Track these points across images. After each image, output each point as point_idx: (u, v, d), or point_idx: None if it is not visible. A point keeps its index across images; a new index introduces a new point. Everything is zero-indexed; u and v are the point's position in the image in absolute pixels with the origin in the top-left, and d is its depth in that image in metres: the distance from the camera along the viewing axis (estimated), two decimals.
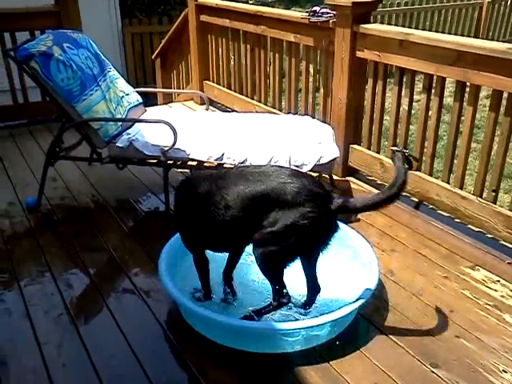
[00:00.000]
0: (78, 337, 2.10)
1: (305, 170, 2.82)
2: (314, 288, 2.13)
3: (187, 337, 2.09)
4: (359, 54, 3.18)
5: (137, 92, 3.49)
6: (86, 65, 3.08)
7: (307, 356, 1.99)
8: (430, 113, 2.98)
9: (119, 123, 3.07)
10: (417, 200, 3.13)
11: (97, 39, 3.44)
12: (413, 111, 3.17)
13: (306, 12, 3.45)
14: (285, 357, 1.99)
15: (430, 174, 3.03)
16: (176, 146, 2.85)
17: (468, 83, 2.69)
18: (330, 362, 1.96)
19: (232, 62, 4.56)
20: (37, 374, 1.93)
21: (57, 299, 2.33)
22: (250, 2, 10.78)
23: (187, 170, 3.36)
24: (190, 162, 3.04)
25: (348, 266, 2.39)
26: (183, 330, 2.12)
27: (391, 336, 2.09)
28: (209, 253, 2.17)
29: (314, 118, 3.54)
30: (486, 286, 2.40)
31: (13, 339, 2.12)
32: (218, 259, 2.21)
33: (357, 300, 2.06)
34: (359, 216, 3.00)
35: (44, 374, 1.93)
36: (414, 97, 3.11)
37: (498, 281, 2.43)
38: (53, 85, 2.87)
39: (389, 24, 7.26)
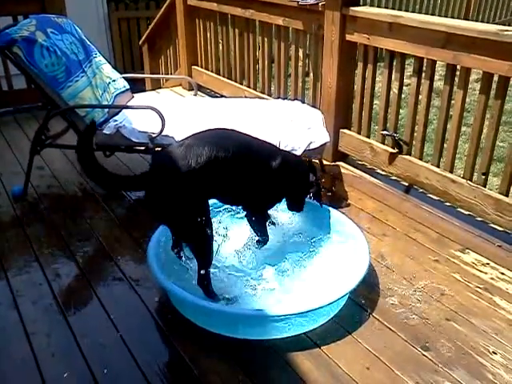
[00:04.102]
0: (67, 326, 2.08)
1: None
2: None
3: (177, 324, 2.08)
4: (349, 37, 3.15)
5: (124, 78, 3.43)
6: (70, 50, 3.02)
7: (298, 341, 1.99)
8: (420, 97, 2.96)
9: (106, 110, 3.02)
10: (407, 184, 3.13)
11: (82, 25, 3.37)
12: (403, 95, 3.16)
13: None
14: (276, 342, 1.98)
15: (420, 158, 3.02)
16: (164, 133, 2.81)
17: (458, 66, 2.67)
18: (322, 347, 1.96)
19: (220, 47, 4.50)
20: (26, 364, 1.91)
21: (45, 289, 2.30)
22: None
23: None
24: None
25: (338, 251, 2.39)
26: (173, 317, 2.11)
27: (382, 320, 2.09)
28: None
29: (303, 102, 3.51)
30: (476, 269, 2.40)
31: (1, 330, 2.09)
32: None
33: (347, 285, 2.05)
34: (349, 201, 2.99)
35: (33, 363, 1.90)
36: (404, 80, 3.09)
37: (488, 263, 2.44)
38: (37, 71, 2.81)
39: (378, 7, 7.19)
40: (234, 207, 2.47)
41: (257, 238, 2.38)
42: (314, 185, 2.36)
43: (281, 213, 2.53)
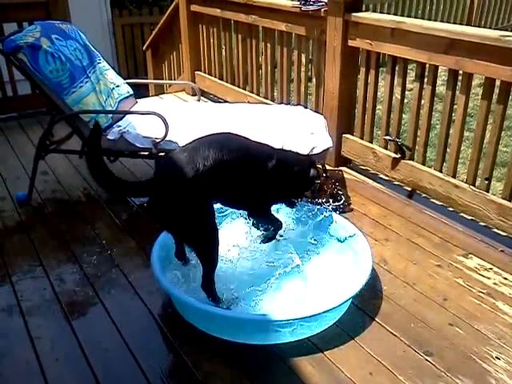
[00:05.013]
0: (71, 331, 2.09)
1: None
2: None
3: (181, 329, 2.09)
4: (351, 42, 3.16)
5: (128, 83, 3.45)
6: (75, 56, 3.04)
7: (301, 346, 1.99)
8: (422, 102, 2.97)
9: (110, 115, 3.04)
10: (410, 189, 3.14)
11: (86, 30, 3.40)
12: (405, 100, 3.16)
13: (298, 0, 3.42)
14: (279, 347, 1.99)
15: (423, 163, 3.03)
16: (167, 138, 2.82)
17: (460, 71, 2.68)
18: (324, 352, 1.96)
19: (224, 53, 4.52)
20: (30, 369, 1.92)
21: (49, 293, 2.32)
22: None
23: None
24: None
25: (341, 256, 2.39)
26: (177, 322, 2.12)
27: (385, 325, 2.09)
28: None
29: (306, 107, 3.52)
30: (479, 274, 2.40)
31: (5, 335, 2.10)
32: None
33: (350, 289, 2.06)
34: (352, 206, 3.00)
35: (37, 369, 1.91)
36: (407, 86, 3.10)
37: (491, 268, 2.44)
38: (41, 77, 2.83)
39: (380, 12, 7.22)
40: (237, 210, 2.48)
41: (259, 233, 2.40)
42: (314, 181, 2.37)
43: (283, 215, 2.53)
